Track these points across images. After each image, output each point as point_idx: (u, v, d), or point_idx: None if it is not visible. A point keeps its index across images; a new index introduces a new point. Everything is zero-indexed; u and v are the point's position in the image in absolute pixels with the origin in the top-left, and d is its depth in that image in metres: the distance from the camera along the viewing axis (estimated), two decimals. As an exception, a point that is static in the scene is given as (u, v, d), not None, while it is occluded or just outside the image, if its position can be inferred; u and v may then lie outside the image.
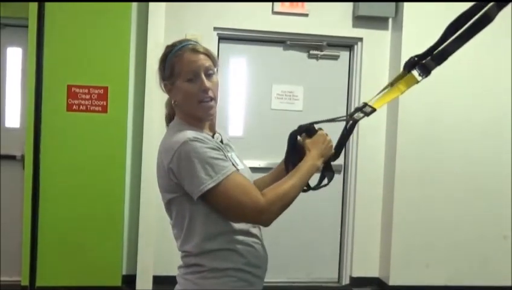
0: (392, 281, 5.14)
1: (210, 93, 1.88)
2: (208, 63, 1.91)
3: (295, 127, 1.94)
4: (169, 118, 2.02)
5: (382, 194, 5.36)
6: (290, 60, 5.32)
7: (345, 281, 5.41)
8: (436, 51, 1.93)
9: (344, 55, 5.33)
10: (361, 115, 1.94)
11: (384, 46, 5.25)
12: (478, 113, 5.24)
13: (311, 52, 5.30)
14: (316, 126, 1.92)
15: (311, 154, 1.83)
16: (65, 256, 4.66)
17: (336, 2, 5.14)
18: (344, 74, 5.36)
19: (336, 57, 5.28)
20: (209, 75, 1.89)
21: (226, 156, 1.83)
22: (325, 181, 1.94)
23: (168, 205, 1.88)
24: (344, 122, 1.98)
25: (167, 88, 1.93)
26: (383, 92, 1.98)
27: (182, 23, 5.00)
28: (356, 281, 5.36)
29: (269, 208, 1.75)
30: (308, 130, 1.88)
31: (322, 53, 5.29)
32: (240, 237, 1.85)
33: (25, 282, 4.66)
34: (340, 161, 5.30)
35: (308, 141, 1.88)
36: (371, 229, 5.37)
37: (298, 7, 5.11)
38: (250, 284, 1.89)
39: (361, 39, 5.23)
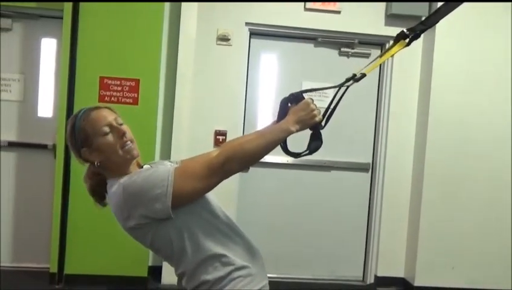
0: (418, 282, 5.09)
1: (128, 136, 1.90)
2: (113, 115, 1.92)
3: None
4: (93, 190, 1.98)
5: (410, 195, 5.30)
6: (321, 57, 5.29)
7: (370, 280, 5.37)
8: (425, 17, 2.01)
9: (375, 53, 5.25)
10: (352, 81, 1.93)
11: (416, 45, 5.16)
12: (509, 115, 5.16)
13: (342, 49, 5.27)
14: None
15: (287, 118, 1.80)
16: (93, 245, 4.72)
17: (369, 1, 5.11)
18: (375, 72, 5.29)
19: (367, 55, 5.23)
20: (120, 124, 1.90)
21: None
22: (306, 151, 1.89)
23: (154, 245, 1.87)
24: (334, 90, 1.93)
25: (87, 154, 1.88)
26: (373, 62, 1.99)
27: (213, 18, 4.99)
28: (381, 281, 5.32)
29: (224, 160, 1.74)
30: (296, 97, 1.85)
31: (353, 51, 5.26)
32: (226, 238, 1.88)
33: (54, 269, 4.71)
34: (368, 159, 5.36)
35: (292, 108, 1.85)
36: (397, 229, 5.32)
37: (330, 5, 5.08)
38: (256, 276, 1.90)
39: (393, 37, 5.15)
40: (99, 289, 4.64)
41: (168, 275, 4.77)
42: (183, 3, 4.84)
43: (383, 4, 5.15)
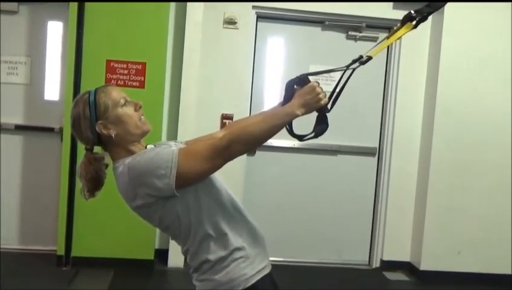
0: (424, 267, 5.11)
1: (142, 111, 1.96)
2: (124, 93, 1.97)
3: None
4: (95, 181, 1.95)
5: (416, 181, 5.31)
6: (328, 40, 5.26)
7: (376, 264, 5.40)
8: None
9: (383, 36, 5.21)
10: (358, 64, 1.91)
11: (425, 28, 5.12)
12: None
13: (350, 33, 5.24)
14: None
15: (292, 102, 1.80)
16: (100, 228, 4.75)
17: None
18: (382, 55, 5.28)
19: (374, 39, 5.19)
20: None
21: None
22: (312, 133, 1.88)
23: (162, 223, 1.90)
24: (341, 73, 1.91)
25: (102, 127, 1.87)
26: (379, 44, 1.98)
27: (220, 2, 4.96)
28: (387, 265, 5.35)
29: (228, 143, 1.74)
30: (303, 80, 1.84)
31: (361, 34, 5.23)
32: (229, 218, 1.89)
33: (61, 252, 4.74)
34: (375, 144, 5.36)
35: (297, 91, 1.84)
36: (403, 214, 5.33)
37: (338, -12, 5.07)
38: (256, 258, 1.91)
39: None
40: (106, 272, 4.67)
41: (175, 258, 4.81)
42: None
43: (392, -13, 5.12)
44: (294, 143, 5.09)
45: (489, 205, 5.15)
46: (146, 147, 1.97)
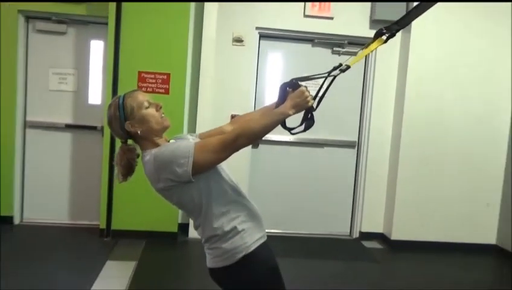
0: (394, 236, 5.10)
1: (163, 110, 1.94)
2: (147, 96, 1.94)
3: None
4: (128, 168, 1.97)
5: (388, 167, 5.29)
6: (317, 55, 5.22)
7: (355, 235, 5.38)
8: (399, 18, 1.92)
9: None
10: (338, 72, 1.90)
11: (395, 43, 5.12)
12: (474, 104, 5.10)
13: (335, 49, 5.19)
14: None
15: (286, 104, 1.80)
16: (134, 206, 4.75)
17: (357, 1, 5.04)
18: (361, 66, 5.26)
19: (355, 53, 5.09)
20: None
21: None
22: (301, 128, 1.88)
23: (180, 202, 1.89)
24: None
25: (129, 126, 1.88)
26: (356, 56, 1.94)
27: (230, 23, 4.94)
28: (364, 235, 5.33)
29: (235, 137, 1.75)
30: (294, 85, 1.83)
31: (344, 50, 5.18)
32: (233, 199, 1.89)
33: (103, 225, 4.76)
34: (354, 138, 5.33)
35: (290, 93, 1.83)
36: (377, 195, 5.31)
37: (325, 11, 5.00)
38: (254, 229, 1.91)
39: (376, 39, 5.10)
40: (139, 242, 4.67)
41: (194, 230, 4.78)
42: (206, 6, 4.79)
43: (368, 11, 5.08)
44: (290, 138, 5.06)
45: (448, 186, 5.14)
46: (169, 141, 1.96)
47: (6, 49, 4.77)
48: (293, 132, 1.90)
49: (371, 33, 1.94)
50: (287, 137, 5.05)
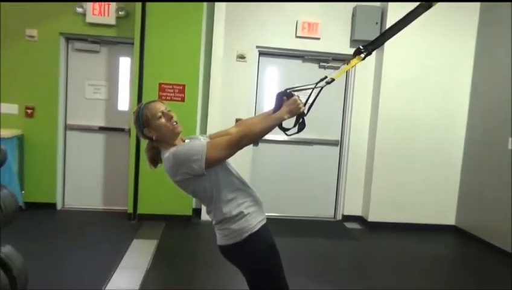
0: (371, 219, 5.12)
1: (174, 118, 1.90)
2: (164, 105, 1.92)
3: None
4: (152, 159, 1.98)
5: (366, 161, 5.29)
6: (306, 69, 5.24)
7: (339, 217, 5.39)
8: (374, 39, 1.94)
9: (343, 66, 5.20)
10: (324, 84, 1.90)
11: (371, 60, 5.14)
12: (441, 109, 5.10)
13: (321, 64, 5.23)
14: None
15: (282, 110, 1.81)
16: (156, 194, 4.72)
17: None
18: (343, 79, 5.29)
19: (337, 68, 5.11)
20: (168, 111, 1.91)
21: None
22: (295, 130, 1.87)
23: (194, 191, 1.88)
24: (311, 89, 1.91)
25: (147, 132, 1.90)
26: (340, 69, 1.96)
27: (234, 43, 4.97)
28: (346, 218, 5.35)
29: (239, 138, 1.76)
30: (289, 94, 1.85)
31: (328, 64, 5.21)
32: (238, 188, 1.90)
33: (130, 210, 4.77)
34: (337, 137, 5.37)
35: (285, 101, 1.84)
36: (357, 183, 5.32)
37: (313, 33, 5.04)
38: (257, 213, 1.91)
39: (355, 55, 5.09)
40: (160, 224, 4.68)
41: (205, 214, 4.79)
42: (214, 34, 4.81)
43: (349, 33, 5.10)
44: (285, 138, 5.06)
45: (417, 176, 5.14)
46: (184, 141, 1.97)
47: (50, 65, 4.80)
48: (288, 133, 1.90)
49: (351, 51, 1.99)
50: (282, 137, 5.09)
